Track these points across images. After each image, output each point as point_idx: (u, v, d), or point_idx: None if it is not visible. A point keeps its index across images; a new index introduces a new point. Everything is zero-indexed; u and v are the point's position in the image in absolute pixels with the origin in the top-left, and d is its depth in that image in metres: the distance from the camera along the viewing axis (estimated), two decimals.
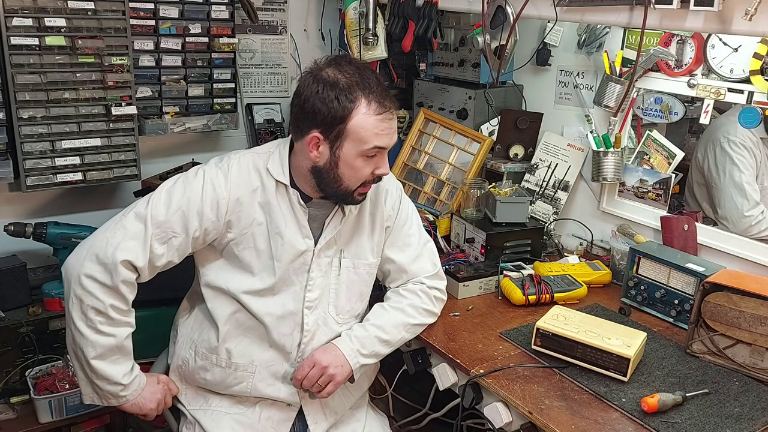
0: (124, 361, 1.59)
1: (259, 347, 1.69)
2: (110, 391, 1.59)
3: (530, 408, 1.48)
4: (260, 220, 1.63)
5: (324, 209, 1.68)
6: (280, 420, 1.71)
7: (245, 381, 1.69)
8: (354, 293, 1.75)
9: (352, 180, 1.59)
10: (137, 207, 1.58)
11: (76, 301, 1.52)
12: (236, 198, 1.61)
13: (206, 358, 1.70)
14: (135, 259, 1.52)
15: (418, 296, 1.77)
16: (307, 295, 1.67)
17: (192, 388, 1.76)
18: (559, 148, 2.43)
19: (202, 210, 1.58)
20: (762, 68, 1.84)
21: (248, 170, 1.64)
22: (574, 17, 1.82)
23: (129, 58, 2.21)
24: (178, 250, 1.59)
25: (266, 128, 2.71)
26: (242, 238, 1.63)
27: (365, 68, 1.59)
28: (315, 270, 1.67)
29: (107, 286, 1.52)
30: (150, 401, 1.65)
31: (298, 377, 1.64)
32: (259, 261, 1.65)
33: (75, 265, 1.54)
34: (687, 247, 2.03)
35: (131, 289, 1.56)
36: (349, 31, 2.38)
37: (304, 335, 1.67)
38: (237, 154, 1.68)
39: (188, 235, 1.58)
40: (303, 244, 1.65)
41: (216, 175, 1.61)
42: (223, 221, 1.61)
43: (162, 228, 1.55)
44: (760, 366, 1.61)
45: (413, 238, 1.81)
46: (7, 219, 2.26)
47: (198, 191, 1.59)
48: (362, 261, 1.75)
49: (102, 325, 1.53)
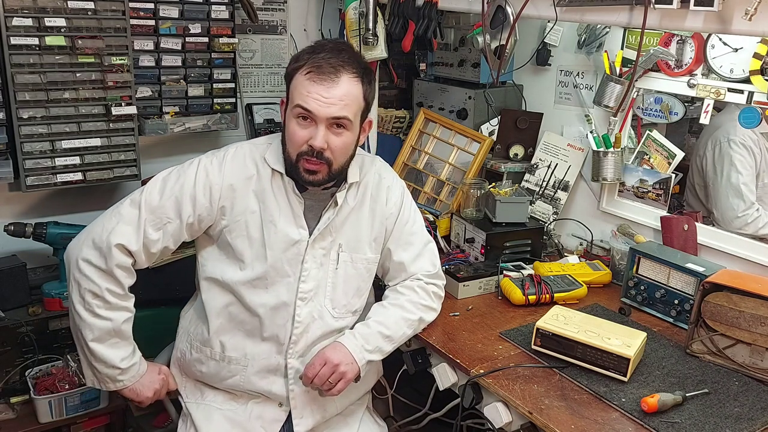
0: (124, 345, 1.63)
1: (252, 341, 1.70)
2: (108, 375, 1.63)
3: (530, 408, 1.48)
4: (253, 208, 1.66)
5: (321, 200, 1.69)
6: (271, 420, 1.71)
7: (238, 374, 1.70)
8: (351, 288, 1.75)
9: (290, 145, 1.60)
10: (133, 194, 1.64)
11: (74, 284, 1.58)
12: (229, 184, 1.65)
13: (200, 351, 1.72)
14: (128, 243, 1.57)
15: (415, 292, 1.77)
16: (300, 286, 1.67)
17: (191, 381, 1.78)
18: (559, 148, 2.43)
19: (195, 195, 1.62)
20: (762, 68, 1.84)
21: (244, 158, 1.68)
22: (574, 17, 1.82)
23: (129, 58, 2.21)
24: (173, 236, 1.63)
25: (266, 128, 2.71)
26: (235, 225, 1.66)
27: (341, 44, 1.64)
28: (309, 261, 1.68)
29: (102, 269, 1.57)
30: (147, 389, 1.69)
31: (309, 375, 1.62)
32: (251, 250, 1.66)
33: (74, 250, 1.61)
34: (687, 247, 2.03)
35: (127, 274, 1.60)
36: (349, 31, 2.38)
37: (296, 327, 1.67)
38: (234, 145, 1.73)
39: (182, 220, 1.62)
40: (297, 233, 1.66)
41: (210, 163, 1.66)
42: (216, 207, 1.64)
43: (156, 214, 1.60)
44: (760, 366, 1.61)
45: (415, 237, 1.81)
46: (7, 219, 2.26)
47: (191, 177, 1.64)
48: (360, 256, 1.75)
49: (99, 308, 1.58)
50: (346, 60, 1.58)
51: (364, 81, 1.61)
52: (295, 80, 1.58)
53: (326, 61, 1.55)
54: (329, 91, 1.55)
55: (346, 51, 1.61)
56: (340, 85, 1.55)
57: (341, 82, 1.56)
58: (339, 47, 1.61)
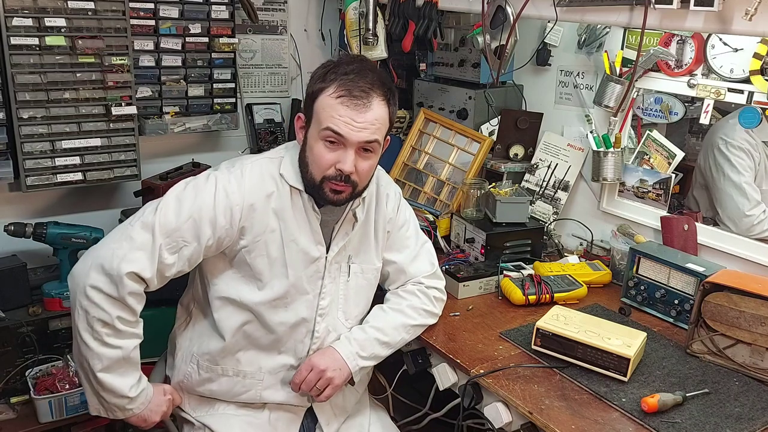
0: (132, 372, 1.55)
1: (268, 355, 1.67)
2: (117, 404, 1.55)
3: (530, 408, 1.48)
4: (273, 227, 1.59)
5: (334, 215, 1.65)
6: (289, 420, 1.71)
7: (253, 389, 1.67)
8: (362, 298, 1.75)
9: (314, 167, 1.54)
10: (145, 215, 1.52)
11: (81, 312, 1.47)
12: (250, 204, 1.56)
13: (211, 370, 1.67)
14: (141, 270, 1.47)
15: (416, 297, 1.77)
16: (320, 303, 1.66)
17: (195, 397, 1.72)
18: (559, 148, 2.43)
19: (215, 218, 1.53)
20: (762, 68, 1.84)
21: (262, 175, 1.60)
22: (574, 17, 1.82)
23: (129, 58, 2.21)
24: (189, 259, 1.54)
25: (266, 128, 2.71)
26: (255, 246, 1.58)
27: (364, 62, 1.58)
28: (327, 277, 1.66)
29: (113, 297, 1.46)
30: (156, 414, 1.62)
31: (296, 381, 1.64)
32: (270, 269, 1.60)
33: (81, 275, 1.49)
34: (687, 247, 2.03)
35: (139, 300, 1.50)
36: (349, 31, 2.38)
37: (314, 342, 1.67)
38: (249, 159, 1.64)
39: (200, 243, 1.53)
40: (316, 251, 1.63)
41: (229, 181, 1.56)
42: (236, 228, 1.56)
43: (172, 237, 1.50)
44: (760, 366, 1.61)
45: (411, 240, 1.81)
46: (7, 219, 2.26)
47: (210, 198, 1.53)
48: (370, 266, 1.74)
49: (108, 337, 1.48)
50: (375, 82, 1.52)
51: (391, 103, 1.56)
52: (322, 101, 1.51)
53: (355, 84, 1.49)
54: (361, 115, 1.49)
55: (372, 71, 1.55)
56: (373, 109, 1.50)
57: (373, 107, 1.50)
58: (364, 66, 1.55)
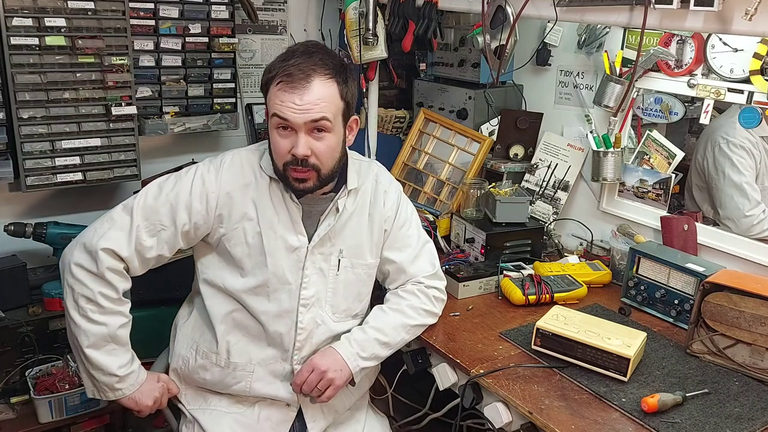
0: (121, 353, 1.61)
1: (257, 346, 1.69)
2: (106, 383, 1.60)
3: (530, 408, 1.48)
4: (251, 216, 1.65)
5: (319, 206, 1.69)
6: (279, 420, 1.71)
7: (244, 380, 1.69)
8: (351, 293, 1.75)
9: (276, 156, 1.59)
10: (127, 200, 1.63)
11: (68, 289, 1.57)
12: (226, 192, 1.63)
13: (206, 357, 1.70)
14: (119, 248, 1.56)
15: (416, 296, 1.77)
16: (302, 292, 1.67)
17: (192, 388, 1.76)
18: (559, 148, 2.43)
19: (191, 203, 1.61)
20: (762, 68, 1.84)
21: (241, 165, 1.67)
22: (574, 17, 1.82)
23: (129, 58, 2.21)
24: (168, 243, 1.62)
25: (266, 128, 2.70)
26: (233, 234, 1.65)
27: (310, 45, 1.60)
28: (309, 267, 1.68)
29: (94, 273, 1.55)
30: (147, 398, 1.66)
31: (297, 382, 1.64)
32: (250, 257, 1.65)
33: (66, 255, 1.60)
34: (687, 247, 2.03)
35: (120, 278, 1.58)
36: (349, 31, 2.38)
37: (299, 333, 1.67)
38: (232, 151, 1.72)
39: (177, 228, 1.61)
40: (296, 240, 1.66)
41: (207, 170, 1.65)
42: (213, 215, 1.63)
43: (150, 220, 1.59)
44: (760, 366, 1.61)
45: (412, 239, 1.81)
46: (7, 219, 2.26)
47: (188, 185, 1.63)
48: (360, 261, 1.75)
49: (93, 313, 1.56)
50: (317, 62, 1.54)
51: (338, 80, 1.56)
52: (270, 91, 1.56)
53: (296, 68, 1.52)
54: (302, 97, 1.51)
55: (317, 53, 1.56)
56: (313, 89, 1.52)
57: (313, 86, 1.52)
58: (309, 50, 1.57)
